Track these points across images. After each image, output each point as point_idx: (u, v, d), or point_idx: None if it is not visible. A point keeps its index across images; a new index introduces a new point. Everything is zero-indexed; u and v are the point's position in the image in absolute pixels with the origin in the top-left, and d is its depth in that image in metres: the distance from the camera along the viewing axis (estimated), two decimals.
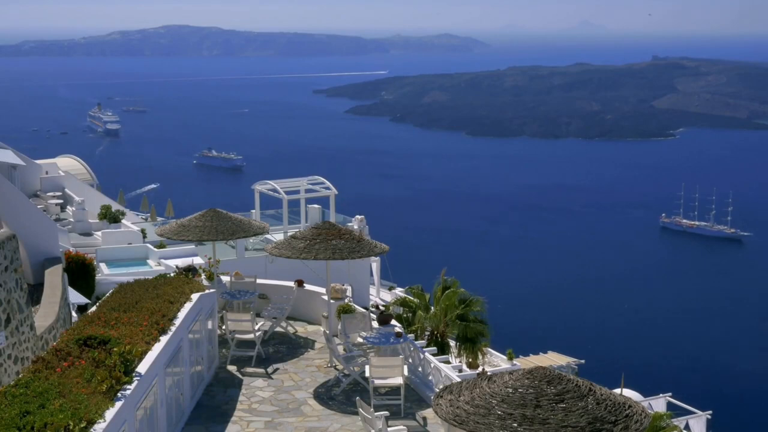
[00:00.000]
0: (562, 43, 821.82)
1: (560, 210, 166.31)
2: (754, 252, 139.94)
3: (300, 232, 24.73)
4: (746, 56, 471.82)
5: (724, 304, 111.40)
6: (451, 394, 13.16)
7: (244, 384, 22.43)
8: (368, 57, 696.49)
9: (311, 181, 40.51)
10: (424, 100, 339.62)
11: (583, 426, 11.90)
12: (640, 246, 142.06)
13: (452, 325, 30.90)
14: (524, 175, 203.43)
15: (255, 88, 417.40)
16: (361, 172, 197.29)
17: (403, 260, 59.06)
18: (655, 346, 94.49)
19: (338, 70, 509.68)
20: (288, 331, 26.39)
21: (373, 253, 24.16)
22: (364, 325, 24.12)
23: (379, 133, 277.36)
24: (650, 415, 14.37)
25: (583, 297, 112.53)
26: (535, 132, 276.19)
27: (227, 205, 31.25)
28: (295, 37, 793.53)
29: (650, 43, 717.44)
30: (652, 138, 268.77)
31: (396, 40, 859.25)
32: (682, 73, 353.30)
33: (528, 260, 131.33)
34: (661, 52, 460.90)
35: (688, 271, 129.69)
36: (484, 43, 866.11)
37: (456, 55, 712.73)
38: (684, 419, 25.88)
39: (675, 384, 39.47)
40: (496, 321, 33.46)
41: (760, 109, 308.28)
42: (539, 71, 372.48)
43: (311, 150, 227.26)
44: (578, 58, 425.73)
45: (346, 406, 20.82)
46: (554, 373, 12.80)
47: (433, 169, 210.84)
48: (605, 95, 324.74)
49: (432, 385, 21.64)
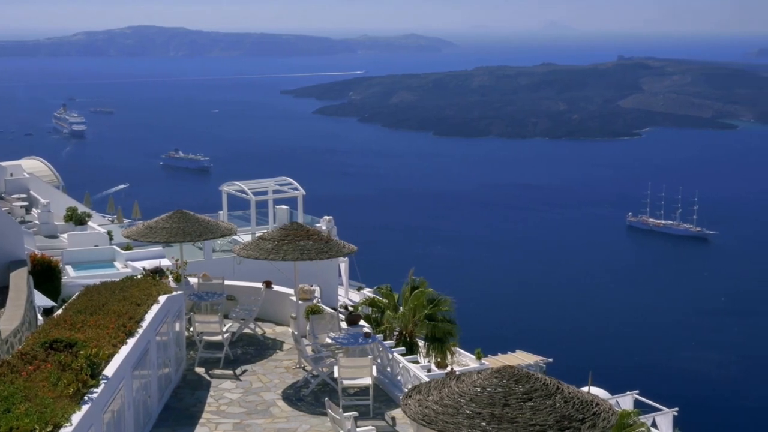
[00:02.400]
0: (529, 44, 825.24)
1: (527, 209, 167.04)
2: (719, 250, 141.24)
3: (268, 233, 24.65)
4: (711, 56, 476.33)
5: (691, 302, 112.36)
6: (420, 394, 13.17)
7: (213, 386, 22.33)
8: (336, 57, 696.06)
9: (279, 182, 40.39)
10: (391, 100, 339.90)
11: (551, 424, 11.95)
12: (606, 245, 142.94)
13: (421, 325, 30.91)
14: (491, 174, 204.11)
15: (222, 89, 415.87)
16: (329, 172, 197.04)
17: (371, 260, 59.01)
18: (622, 344, 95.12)
19: (306, 71, 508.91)
20: (256, 332, 26.31)
21: (342, 253, 24.16)
22: (332, 326, 24.09)
23: (347, 133, 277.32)
24: (617, 413, 14.45)
25: (550, 296, 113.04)
26: (502, 132, 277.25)
27: (194, 207, 31.10)
28: (262, 38, 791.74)
29: (616, 43, 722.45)
30: (618, 137, 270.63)
31: (364, 41, 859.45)
32: (647, 73, 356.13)
33: (496, 260, 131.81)
34: (627, 52, 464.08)
35: (654, 269, 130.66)
36: (451, 43, 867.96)
37: (423, 55, 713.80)
38: (651, 416, 26.05)
39: (642, 382, 39.69)
40: (464, 320, 33.49)
41: (725, 108, 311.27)
42: (506, 71, 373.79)
43: (279, 151, 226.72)
44: (545, 59, 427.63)
45: (315, 407, 20.78)
46: (522, 372, 12.84)
47: (401, 169, 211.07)
48: (571, 95, 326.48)
49: (401, 385, 21.64)
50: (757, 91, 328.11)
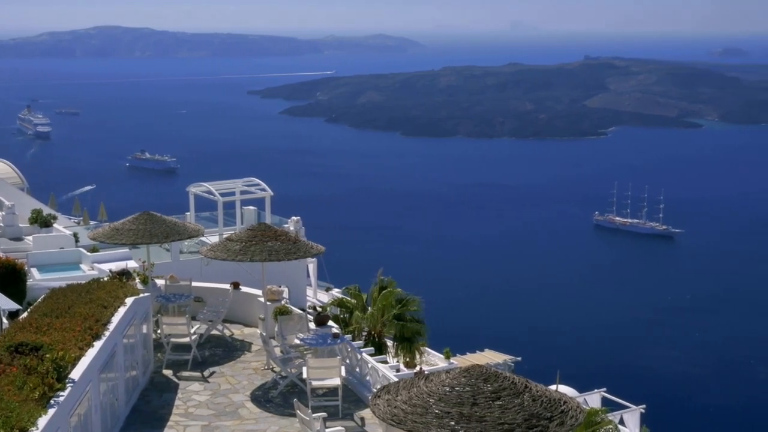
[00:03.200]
0: (496, 44, 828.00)
1: (495, 209, 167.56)
2: (685, 248, 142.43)
3: (235, 234, 24.58)
4: (675, 56, 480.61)
5: (657, 300, 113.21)
6: (389, 394, 13.16)
7: (180, 388, 22.22)
8: (303, 58, 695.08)
9: (246, 183, 40.23)
10: (358, 100, 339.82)
11: (519, 422, 11.98)
12: (573, 244, 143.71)
13: (389, 325, 30.89)
14: (459, 174, 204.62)
15: (189, 89, 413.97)
16: (296, 173, 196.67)
17: (339, 261, 58.96)
18: (590, 343, 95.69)
19: (273, 71, 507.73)
20: (224, 333, 26.22)
21: (310, 254, 24.12)
22: (300, 327, 24.04)
23: (315, 133, 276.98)
24: (585, 411, 14.53)
25: (518, 295, 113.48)
26: (469, 132, 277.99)
27: (161, 208, 30.88)
28: (228, 38, 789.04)
29: (582, 43, 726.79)
30: (585, 137, 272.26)
31: (331, 41, 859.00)
32: (613, 73, 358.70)
33: (464, 259, 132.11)
34: (593, 52, 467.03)
35: (621, 268, 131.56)
36: (418, 43, 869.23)
37: (390, 55, 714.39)
38: (618, 414, 26.20)
39: (609, 379, 39.97)
40: (433, 320, 33.51)
41: (690, 107, 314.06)
42: (473, 71, 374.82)
43: (246, 151, 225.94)
44: (511, 59, 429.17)
45: (284, 409, 20.74)
46: (491, 371, 12.86)
47: (369, 170, 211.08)
48: (538, 95, 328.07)
49: (370, 386, 21.65)
50: (720, 90, 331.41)
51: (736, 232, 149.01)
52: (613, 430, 22.51)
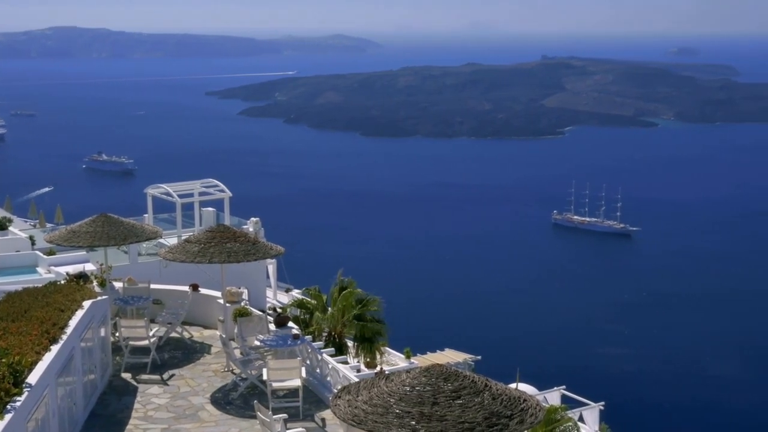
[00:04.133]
0: (454, 44, 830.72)
1: (454, 208, 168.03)
2: (642, 246, 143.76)
3: (194, 235, 24.46)
4: (631, 56, 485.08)
5: (615, 297, 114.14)
6: (350, 395, 13.17)
7: (140, 391, 22.07)
8: (261, 58, 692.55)
9: (205, 184, 40.03)
10: (318, 100, 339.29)
11: (479, 421, 12.04)
12: (532, 243, 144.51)
13: (350, 326, 30.92)
14: (418, 174, 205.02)
15: (146, 90, 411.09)
16: (255, 174, 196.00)
17: (299, 262, 58.86)
18: (549, 341, 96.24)
19: (231, 72, 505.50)
20: (183, 336, 26.08)
21: (269, 255, 24.08)
22: (260, 328, 23.97)
23: (274, 134, 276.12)
24: (545, 408, 14.63)
25: (478, 294, 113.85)
26: (428, 132, 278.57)
27: (119, 210, 30.64)
28: (186, 39, 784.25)
29: (539, 43, 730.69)
30: (543, 136, 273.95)
31: (289, 41, 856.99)
32: (570, 73, 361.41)
33: (423, 258, 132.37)
34: (550, 52, 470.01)
35: (579, 266, 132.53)
36: (376, 43, 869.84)
37: (349, 55, 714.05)
38: (578, 411, 26.39)
39: (569, 377, 40.26)
40: (393, 320, 33.57)
41: (646, 107, 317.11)
42: (432, 71, 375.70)
43: (205, 152, 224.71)
44: (469, 59, 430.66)
45: (244, 410, 20.67)
46: (451, 371, 12.91)
47: (329, 170, 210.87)
48: (496, 95, 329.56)
49: (330, 386, 21.64)
50: (676, 89, 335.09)
51: (693, 230, 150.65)
52: (573, 428, 22.67)
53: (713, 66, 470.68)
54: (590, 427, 26.89)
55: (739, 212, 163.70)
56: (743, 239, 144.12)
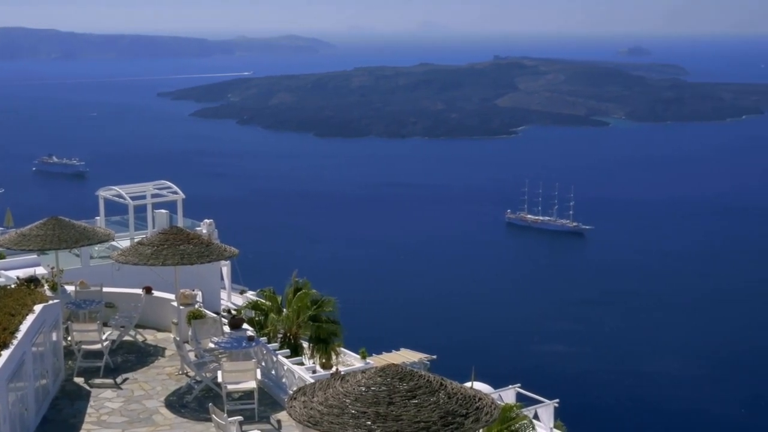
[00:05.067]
0: (406, 44, 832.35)
1: (408, 208, 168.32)
2: (595, 244, 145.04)
3: (147, 238, 24.28)
4: (583, 55, 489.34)
5: (568, 295, 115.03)
6: (305, 396, 13.14)
7: (93, 396, 21.85)
8: (213, 59, 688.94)
9: (157, 186, 39.71)
10: (271, 101, 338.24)
11: (435, 420, 12.07)
12: (486, 242, 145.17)
13: (305, 327, 30.88)
14: (372, 174, 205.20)
15: (97, 91, 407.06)
16: (209, 175, 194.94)
17: (253, 263, 58.68)
18: (504, 339, 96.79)
19: (183, 73, 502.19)
20: (137, 339, 25.86)
21: (223, 256, 23.97)
22: (215, 330, 23.85)
23: (227, 135, 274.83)
24: (500, 407, 14.70)
25: (433, 294, 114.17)
26: (382, 132, 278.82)
27: (70, 213, 30.29)
28: (137, 39, 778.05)
29: (491, 43, 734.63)
30: (496, 136, 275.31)
31: (241, 42, 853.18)
32: (522, 72, 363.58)
33: (378, 259, 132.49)
34: (502, 52, 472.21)
35: (533, 265, 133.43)
36: (329, 44, 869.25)
37: (302, 56, 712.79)
38: (533, 409, 26.50)
39: (524, 375, 40.44)
40: (348, 320, 33.56)
41: (597, 106, 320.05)
42: (385, 72, 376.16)
43: (157, 154, 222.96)
44: (422, 59, 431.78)
45: (199, 413, 20.55)
46: (406, 370, 12.93)
47: (282, 171, 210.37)
48: (449, 95, 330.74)
49: (286, 388, 21.59)
50: (627, 89, 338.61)
51: (644, 229, 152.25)
52: (528, 425, 22.82)
53: (663, 66, 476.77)
54: (545, 424, 27.05)
55: (690, 210, 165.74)
56: (695, 237, 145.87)
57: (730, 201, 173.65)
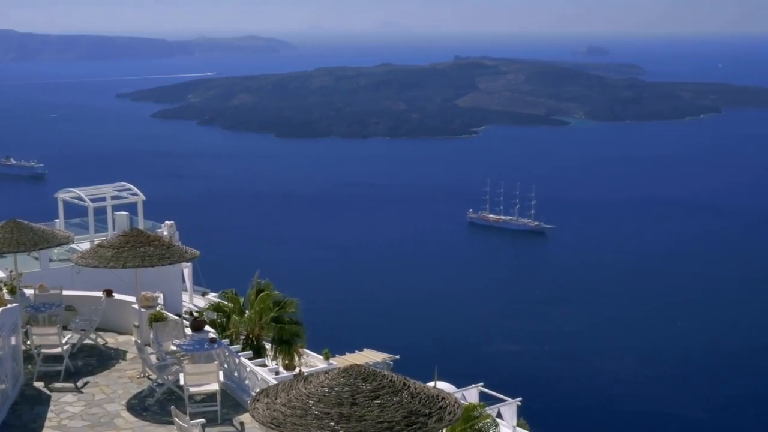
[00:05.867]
0: (367, 44, 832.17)
1: (370, 209, 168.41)
2: (556, 243, 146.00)
3: (107, 240, 24.08)
4: (543, 55, 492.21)
5: (530, 294, 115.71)
6: (268, 397, 13.10)
7: (53, 400, 21.64)
8: (173, 60, 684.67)
9: (117, 188, 39.36)
10: (231, 102, 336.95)
11: (398, 420, 12.07)
12: (449, 242, 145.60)
13: (267, 328, 30.74)
14: (334, 175, 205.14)
15: (56, 92, 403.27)
16: (169, 176, 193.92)
17: (215, 264, 58.36)
18: (467, 338, 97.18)
19: (142, 73, 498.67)
20: (98, 342, 25.64)
21: (184, 258, 23.79)
22: (177, 333, 23.71)
23: (187, 136, 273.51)
24: (463, 406, 14.75)
25: (395, 294, 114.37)
26: (343, 132, 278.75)
27: (28, 215, 29.93)
28: (95, 40, 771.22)
29: (452, 43, 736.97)
30: (457, 136, 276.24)
31: (201, 42, 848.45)
32: (483, 72, 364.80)
33: (340, 259, 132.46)
34: (463, 52, 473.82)
35: (495, 264, 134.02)
36: (289, 44, 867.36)
37: (262, 56, 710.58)
38: (496, 407, 26.57)
39: (487, 374, 40.61)
40: (311, 321, 33.48)
41: (557, 106, 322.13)
42: (345, 72, 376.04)
43: (117, 155, 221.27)
44: (383, 59, 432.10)
45: (161, 416, 20.43)
46: (369, 371, 12.93)
47: (243, 172, 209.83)
48: (411, 95, 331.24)
49: (249, 389, 21.51)
50: (586, 88, 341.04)
51: (605, 227, 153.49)
52: (491, 424, 22.89)
53: (621, 65, 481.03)
54: (508, 422, 27.15)
55: (651, 209, 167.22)
56: (655, 236, 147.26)
57: (691, 200, 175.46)
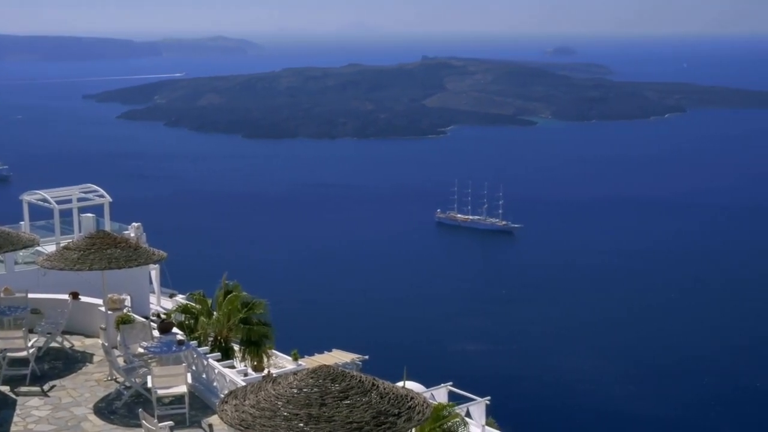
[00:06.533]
0: (335, 45, 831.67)
1: (338, 209, 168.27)
2: (524, 242, 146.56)
3: (73, 242, 23.89)
4: (510, 56, 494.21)
5: (498, 293, 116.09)
6: (237, 399, 13.07)
7: (19, 404, 21.45)
8: (140, 60, 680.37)
9: (83, 190, 39.08)
10: (199, 103, 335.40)
11: (367, 420, 12.09)
12: (417, 242, 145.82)
13: (236, 330, 30.62)
14: (301, 175, 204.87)
15: (21, 94, 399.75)
16: (136, 178, 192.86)
17: (182, 266, 58.00)
18: (435, 338, 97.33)
19: (108, 74, 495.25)
20: (64, 345, 25.45)
21: (151, 260, 23.68)
22: (144, 335, 23.59)
23: (154, 137, 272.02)
24: (432, 406, 14.78)
25: (364, 294, 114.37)
26: (311, 133, 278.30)
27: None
28: (61, 41, 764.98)
29: (420, 43, 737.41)
30: (425, 136, 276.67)
31: (168, 43, 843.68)
32: (450, 73, 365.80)
33: (309, 260, 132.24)
34: (431, 53, 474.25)
35: (464, 264, 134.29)
36: (257, 44, 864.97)
37: (230, 57, 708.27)
38: (465, 406, 26.63)
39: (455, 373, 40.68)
40: (280, 322, 33.37)
41: (525, 106, 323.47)
42: (313, 72, 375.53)
43: (83, 157, 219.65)
44: (351, 59, 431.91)
45: (129, 419, 20.31)
46: (338, 371, 12.93)
47: (211, 173, 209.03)
48: (378, 95, 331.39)
49: (217, 391, 21.44)
50: (553, 88, 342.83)
51: (573, 227, 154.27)
52: (460, 423, 22.95)
53: (588, 65, 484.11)
54: (477, 421, 27.23)
55: (618, 209, 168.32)
56: (622, 235, 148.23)
57: (657, 199, 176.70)
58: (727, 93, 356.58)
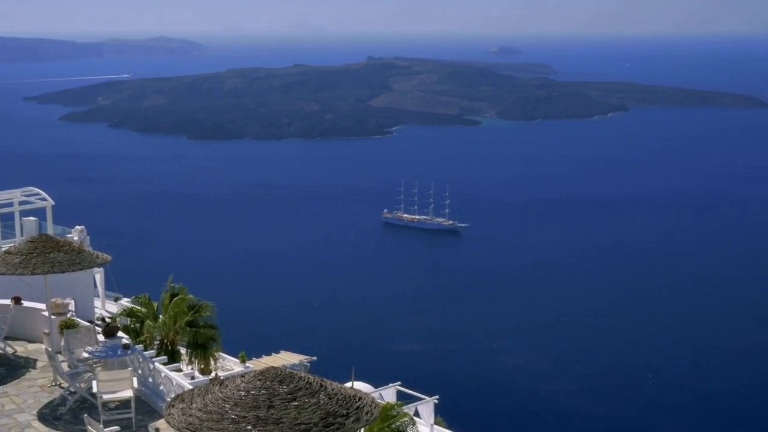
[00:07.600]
0: (280, 45, 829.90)
1: (284, 210, 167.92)
2: (470, 241, 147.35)
3: (15, 246, 23.54)
4: (455, 56, 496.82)
5: (445, 292, 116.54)
6: (183, 403, 12.96)
7: None
8: (82, 62, 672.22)
9: (25, 193, 38.57)
10: (142, 104, 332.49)
11: (316, 422, 12.06)
12: (364, 242, 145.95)
13: (182, 333, 30.40)
14: (247, 176, 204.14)
15: None
16: (79, 180, 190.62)
17: (127, 269, 57.47)
18: (383, 338, 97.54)
19: (49, 76, 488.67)
20: (6, 351, 25.06)
21: (96, 264, 23.44)
22: (89, 339, 23.30)
23: (97, 139, 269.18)
24: (380, 406, 14.78)
25: (311, 295, 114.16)
26: (256, 134, 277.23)
27: None
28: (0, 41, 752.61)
29: (365, 44, 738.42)
30: (371, 136, 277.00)
31: (111, 44, 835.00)
32: (395, 73, 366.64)
33: (255, 261, 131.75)
34: (376, 53, 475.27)
35: (411, 264, 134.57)
36: (201, 45, 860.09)
37: (173, 58, 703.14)
38: (413, 406, 26.71)
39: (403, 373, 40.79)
40: (227, 325, 33.22)
41: (470, 105, 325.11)
42: (258, 73, 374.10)
43: (24, 160, 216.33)
44: (296, 60, 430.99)
45: (74, 425, 20.06)
46: (286, 373, 12.89)
47: (154, 175, 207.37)
48: (324, 95, 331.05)
49: (164, 395, 21.27)
50: (497, 88, 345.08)
51: (518, 226, 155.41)
52: (409, 423, 23.00)
53: (532, 65, 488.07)
54: (426, 420, 27.32)
55: (563, 208, 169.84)
56: (567, 234, 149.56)
57: (602, 197, 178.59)
58: (669, 92, 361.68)
